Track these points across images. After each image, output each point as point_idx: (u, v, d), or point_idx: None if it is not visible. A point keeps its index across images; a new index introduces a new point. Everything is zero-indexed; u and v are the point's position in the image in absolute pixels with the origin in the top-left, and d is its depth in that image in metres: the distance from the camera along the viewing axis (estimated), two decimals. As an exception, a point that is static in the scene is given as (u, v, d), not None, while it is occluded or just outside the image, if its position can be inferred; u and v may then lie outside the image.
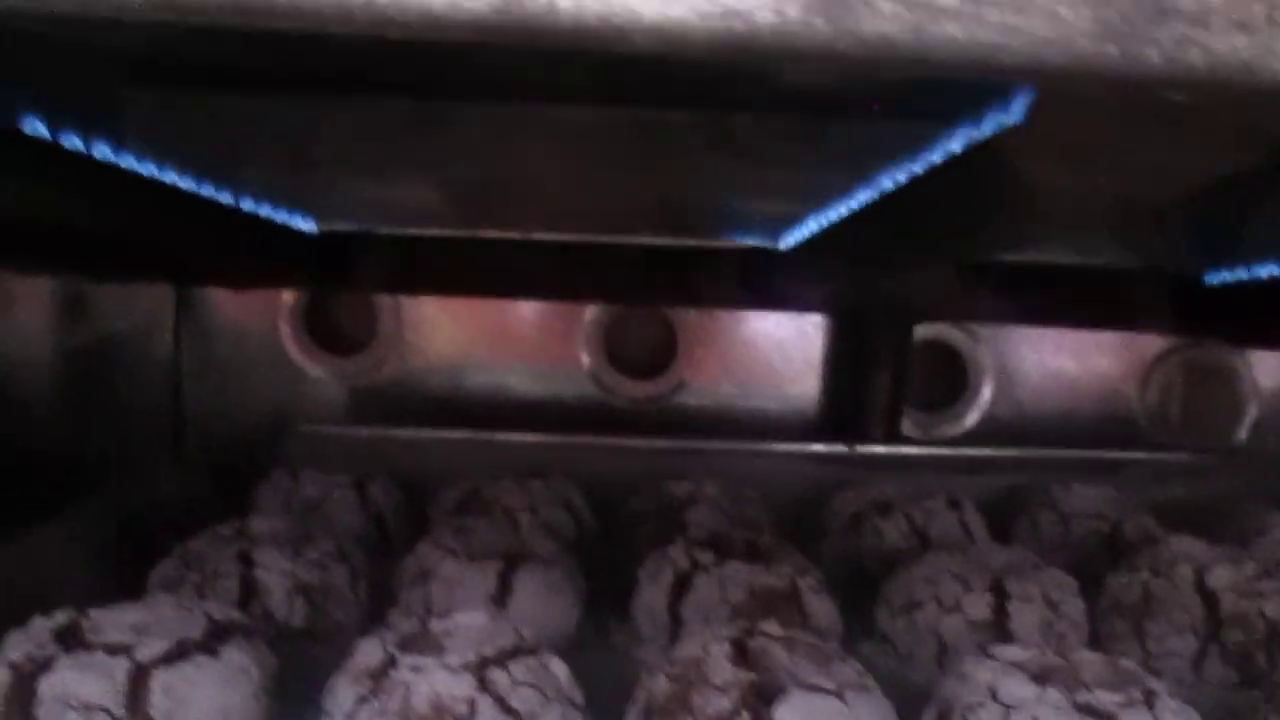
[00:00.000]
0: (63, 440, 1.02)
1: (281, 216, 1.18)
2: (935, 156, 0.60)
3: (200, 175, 1.06)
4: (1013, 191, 0.91)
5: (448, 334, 1.27)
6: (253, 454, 1.14)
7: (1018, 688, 0.62)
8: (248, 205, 1.14)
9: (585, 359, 1.27)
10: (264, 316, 1.27)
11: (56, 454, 0.99)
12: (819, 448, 1.18)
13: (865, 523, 1.00)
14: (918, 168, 0.63)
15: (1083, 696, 0.61)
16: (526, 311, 1.28)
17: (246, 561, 0.81)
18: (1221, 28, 0.30)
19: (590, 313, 1.27)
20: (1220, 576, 0.83)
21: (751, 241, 1.04)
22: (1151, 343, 1.31)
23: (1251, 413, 1.28)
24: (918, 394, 1.28)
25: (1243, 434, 1.28)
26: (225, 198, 1.11)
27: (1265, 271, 1.13)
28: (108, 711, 0.58)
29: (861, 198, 0.75)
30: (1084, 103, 0.49)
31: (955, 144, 0.56)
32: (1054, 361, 1.29)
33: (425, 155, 0.89)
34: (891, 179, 0.68)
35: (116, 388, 1.12)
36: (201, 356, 1.24)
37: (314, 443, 1.19)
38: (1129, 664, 0.66)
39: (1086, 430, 1.28)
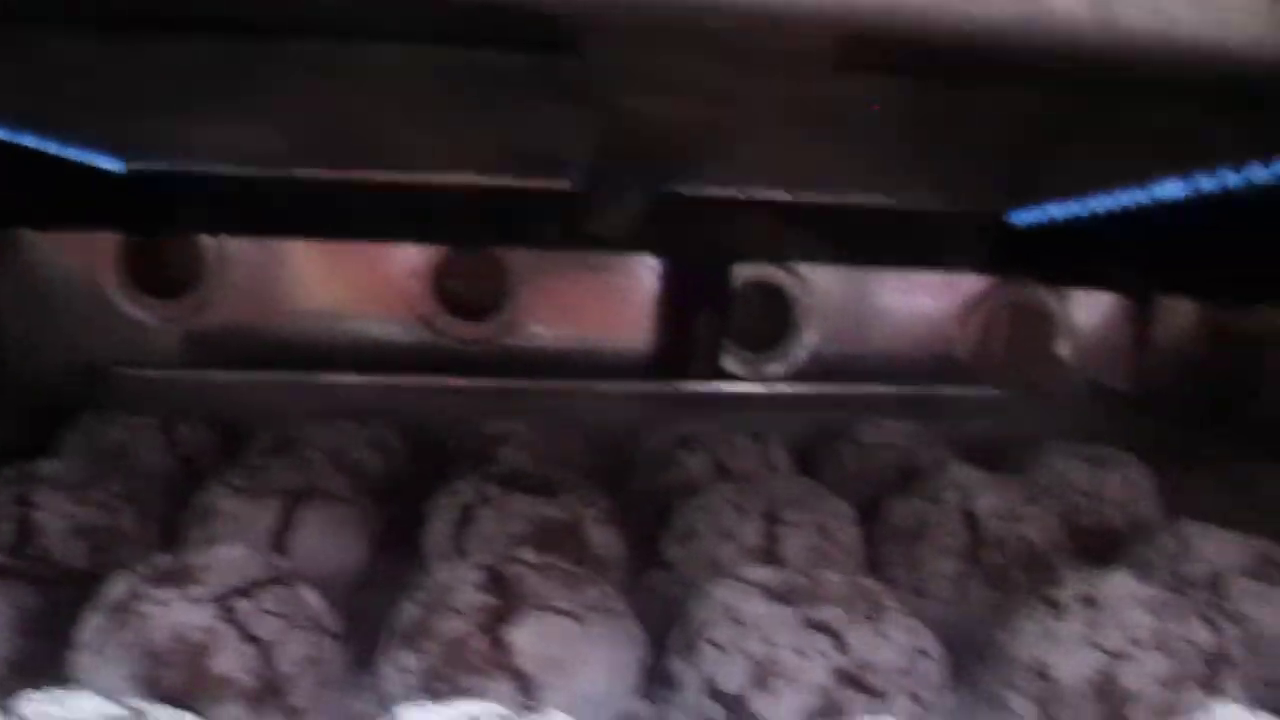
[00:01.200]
0: None
1: (89, 157, 1.15)
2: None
3: (2, 116, 1.02)
4: (824, 136, 0.93)
5: (275, 276, 1.26)
6: (71, 398, 1.13)
7: (754, 606, 0.66)
8: (53, 146, 1.10)
9: (415, 301, 1.27)
10: (84, 257, 1.24)
11: None
12: (643, 386, 1.20)
13: (670, 457, 1.03)
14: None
15: (814, 613, 0.65)
16: (357, 253, 1.27)
17: (25, 503, 0.80)
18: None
19: (421, 254, 1.27)
20: (985, 503, 0.87)
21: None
22: (972, 283, 1.36)
23: (1064, 351, 1.34)
24: (747, 334, 1.31)
25: (1054, 372, 1.34)
26: (29, 139, 1.08)
27: (1066, 212, 1.18)
28: None
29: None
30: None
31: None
32: (878, 301, 1.33)
33: (243, 93, 0.88)
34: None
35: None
36: (17, 296, 1.21)
37: (135, 386, 1.18)
38: (870, 583, 0.70)
39: (909, 370, 1.33)
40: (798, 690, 0.62)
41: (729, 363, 1.27)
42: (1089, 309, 1.39)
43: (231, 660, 0.60)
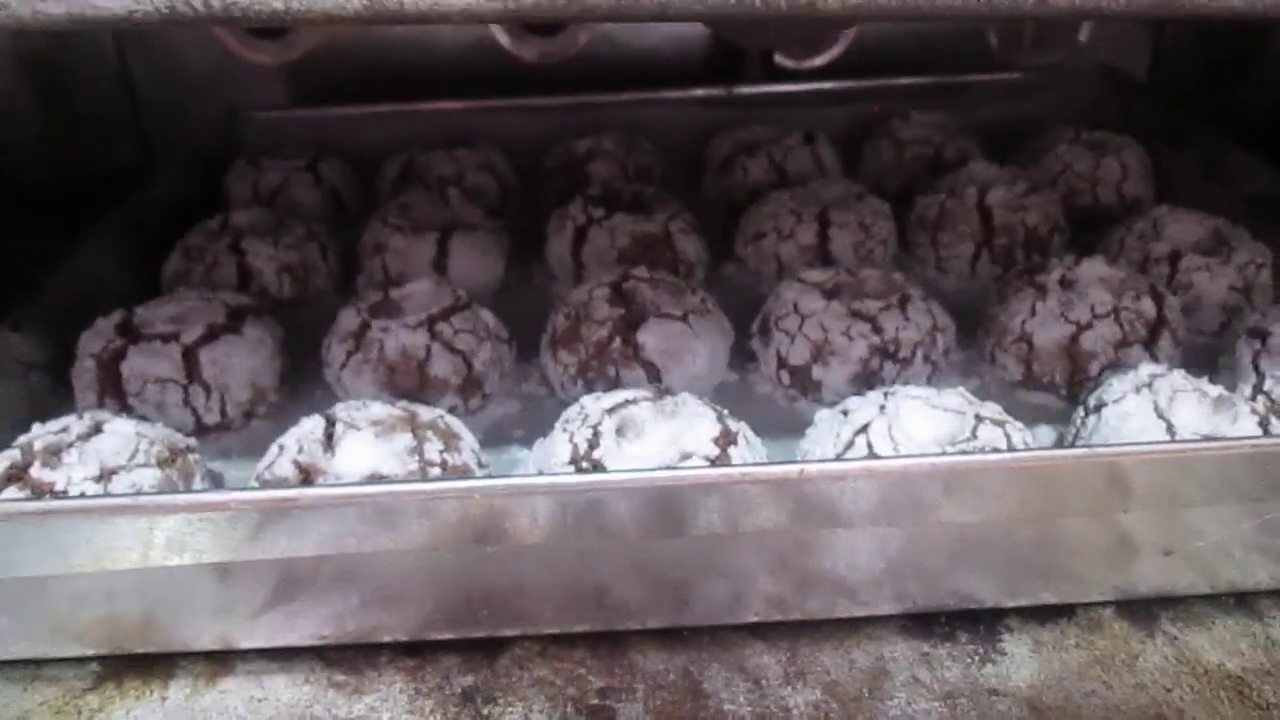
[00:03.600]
0: (48, 172, 1.18)
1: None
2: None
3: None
4: None
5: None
6: (214, 145, 1.31)
7: (812, 301, 0.88)
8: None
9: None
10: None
11: (46, 184, 1.17)
12: (700, 92, 1.36)
13: (734, 162, 1.22)
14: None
15: (856, 305, 0.87)
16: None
17: (239, 251, 1.02)
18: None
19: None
20: (996, 195, 1.06)
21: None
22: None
23: (1082, 35, 1.44)
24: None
25: (1073, 55, 1.43)
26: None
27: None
28: (174, 380, 0.83)
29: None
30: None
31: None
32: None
33: None
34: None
35: (77, 112, 1.27)
36: (148, 58, 1.36)
37: (266, 128, 1.35)
38: (899, 277, 0.92)
39: (944, 57, 1.43)
40: (844, 362, 0.85)
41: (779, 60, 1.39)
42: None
43: (444, 366, 0.85)
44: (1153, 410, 0.73)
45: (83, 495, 0.67)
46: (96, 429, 0.73)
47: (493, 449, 0.83)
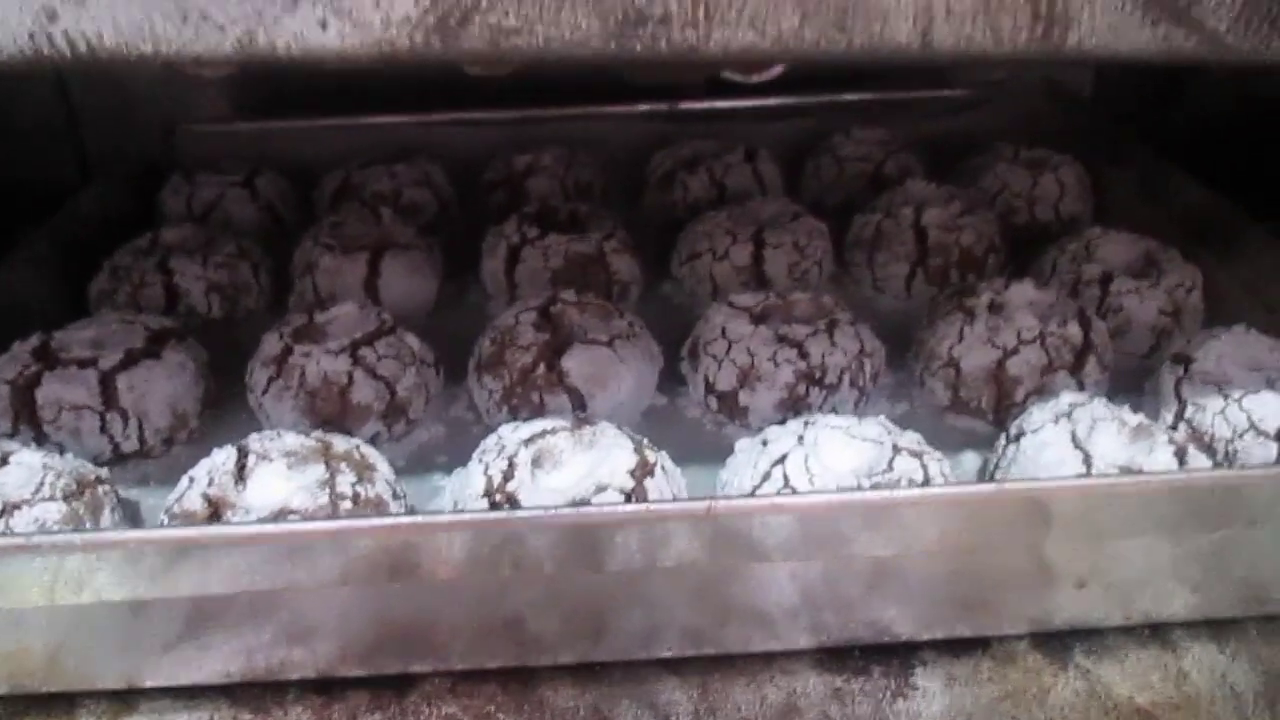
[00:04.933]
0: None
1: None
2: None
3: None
4: None
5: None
6: (151, 158, 1.29)
7: (740, 326, 0.88)
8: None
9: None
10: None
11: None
12: (643, 107, 1.35)
13: (675, 178, 1.22)
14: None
15: (783, 330, 0.87)
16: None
17: (166, 270, 1.01)
18: None
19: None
20: (931, 215, 1.07)
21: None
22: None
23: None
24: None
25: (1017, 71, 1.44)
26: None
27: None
28: (89, 407, 0.81)
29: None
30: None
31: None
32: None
33: None
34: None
35: (12, 121, 1.24)
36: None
37: (203, 141, 1.34)
38: (829, 300, 0.92)
39: (888, 72, 1.43)
40: (771, 387, 0.85)
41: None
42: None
43: (366, 392, 0.83)
44: (1070, 440, 0.73)
45: (-21, 533, 0.66)
46: (3, 460, 0.72)
47: (416, 476, 0.82)
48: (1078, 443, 0.73)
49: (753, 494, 0.71)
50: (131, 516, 0.78)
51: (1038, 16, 0.45)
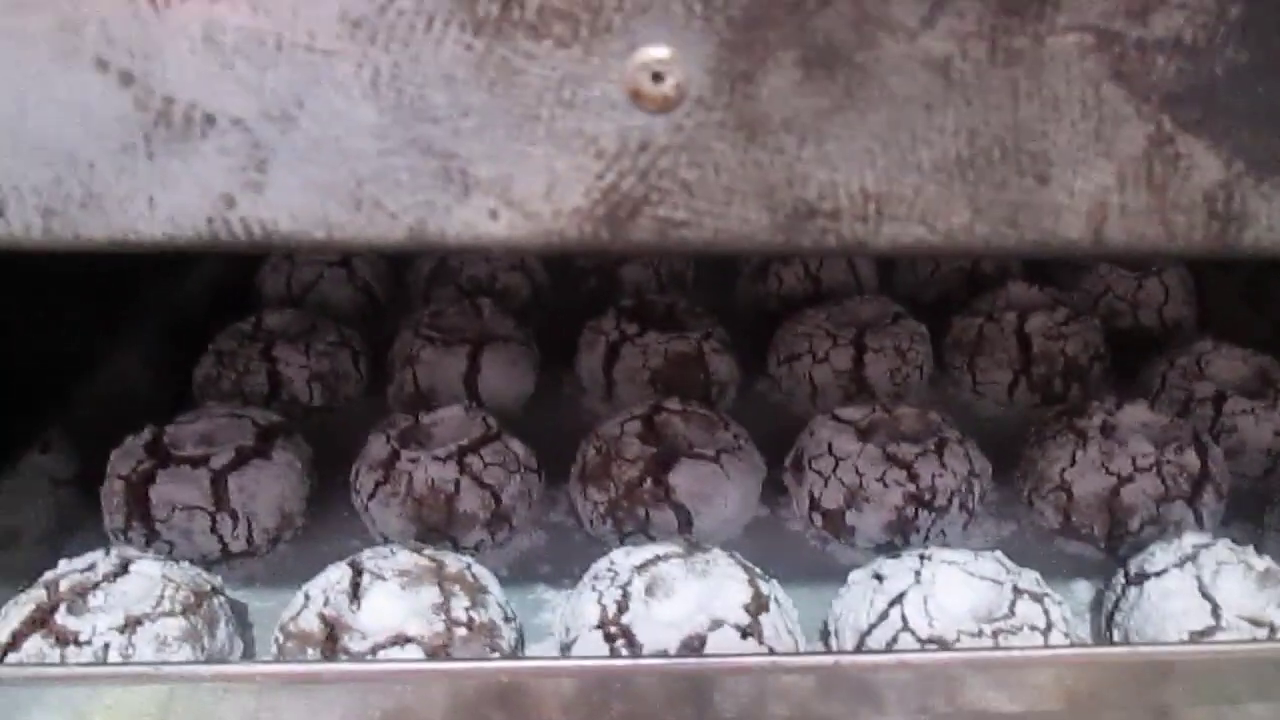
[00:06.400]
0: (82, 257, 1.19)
1: None
2: None
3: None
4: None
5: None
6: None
7: (846, 443, 0.87)
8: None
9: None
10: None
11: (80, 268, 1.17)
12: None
13: (768, 270, 1.21)
14: None
15: (892, 449, 0.86)
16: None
17: (270, 358, 1.02)
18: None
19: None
20: (1035, 322, 1.05)
21: None
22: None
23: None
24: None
25: None
26: None
27: None
28: (202, 508, 0.82)
29: None
30: None
31: None
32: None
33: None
34: None
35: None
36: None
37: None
38: (936, 416, 0.90)
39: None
40: (879, 509, 0.84)
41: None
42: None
43: (473, 501, 0.84)
44: (1196, 588, 0.71)
45: (103, 661, 0.67)
46: (123, 568, 0.73)
47: (520, 586, 0.82)
48: (1204, 590, 0.71)
49: (869, 631, 0.70)
50: (240, 619, 0.79)
51: (1214, 215, 0.44)
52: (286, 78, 0.43)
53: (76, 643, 0.68)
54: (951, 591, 0.71)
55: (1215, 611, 0.70)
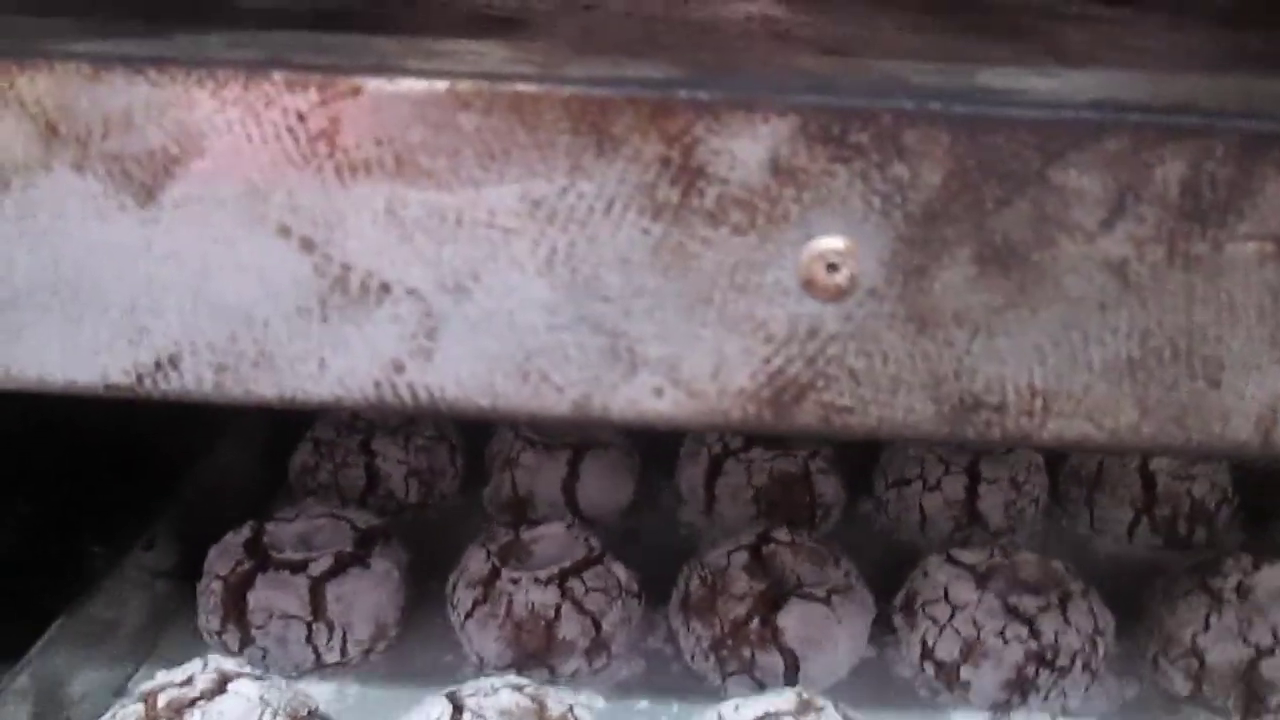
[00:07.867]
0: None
1: None
2: None
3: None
4: None
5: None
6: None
7: (964, 591, 0.83)
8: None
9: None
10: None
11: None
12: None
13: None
14: None
15: (1013, 600, 0.82)
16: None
17: (368, 451, 1.01)
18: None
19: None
20: (1161, 461, 1.00)
21: None
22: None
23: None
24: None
25: None
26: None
27: None
28: (299, 618, 0.81)
29: None
30: None
31: None
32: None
33: None
34: None
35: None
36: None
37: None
38: (1058, 565, 0.86)
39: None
40: (998, 666, 0.80)
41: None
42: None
43: (573, 628, 0.81)
44: (1355, 794, 0.66)
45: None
46: (221, 686, 0.71)
47: (616, 720, 0.79)
48: (1362, 795, 0.66)
49: (993, 816, 0.66)
50: (331, 741, 0.77)
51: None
52: (464, 252, 0.43)
53: (174, 767, 0.66)
54: (1084, 777, 0.66)
55: (1376, 823, 0.64)
